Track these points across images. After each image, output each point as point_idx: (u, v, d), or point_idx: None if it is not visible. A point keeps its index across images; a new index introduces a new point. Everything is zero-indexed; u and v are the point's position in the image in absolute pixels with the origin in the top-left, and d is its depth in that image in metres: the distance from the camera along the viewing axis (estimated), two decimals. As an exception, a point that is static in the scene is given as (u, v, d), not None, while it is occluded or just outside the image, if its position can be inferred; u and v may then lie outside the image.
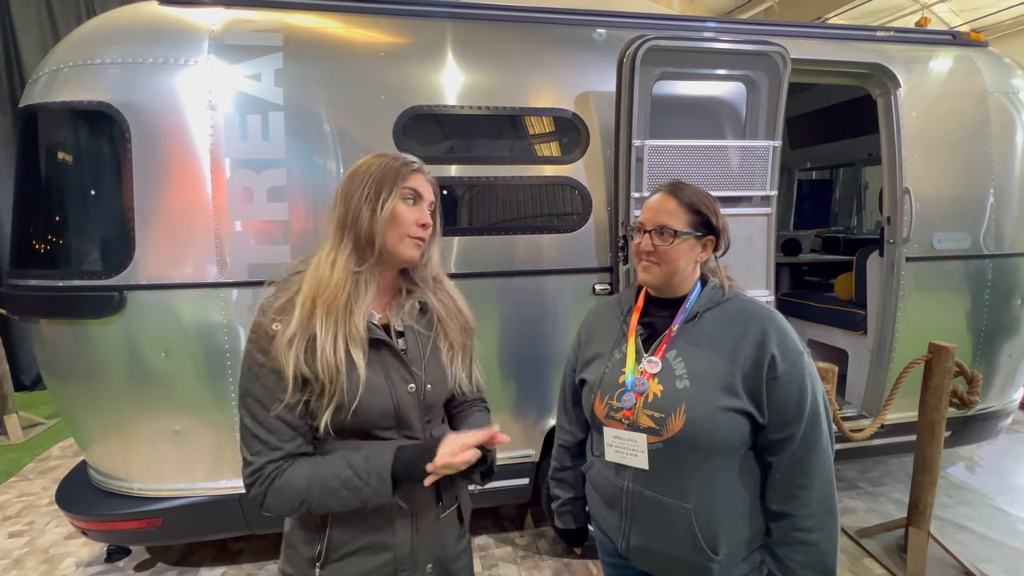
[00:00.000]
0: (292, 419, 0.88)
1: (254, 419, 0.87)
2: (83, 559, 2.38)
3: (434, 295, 1.01)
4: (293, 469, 0.87)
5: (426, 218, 0.94)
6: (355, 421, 0.88)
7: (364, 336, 0.88)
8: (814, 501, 0.95)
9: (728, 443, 0.95)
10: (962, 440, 2.70)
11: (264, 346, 0.87)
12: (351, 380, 0.86)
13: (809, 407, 0.95)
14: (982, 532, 2.49)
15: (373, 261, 0.91)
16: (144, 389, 1.86)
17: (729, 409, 0.94)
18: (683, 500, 0.97)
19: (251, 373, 0.88)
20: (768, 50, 2.01)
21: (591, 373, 1.10)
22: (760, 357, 0.94)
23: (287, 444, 0.88)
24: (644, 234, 1.03)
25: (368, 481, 0.86)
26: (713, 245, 1.05)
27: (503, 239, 2.06)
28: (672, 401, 0.96)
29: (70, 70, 1.82)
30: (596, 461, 1.11)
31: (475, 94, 2.03)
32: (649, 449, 0.98)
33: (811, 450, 0.95)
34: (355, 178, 0.91)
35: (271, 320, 0.87)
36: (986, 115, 2.47)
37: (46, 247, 1.88)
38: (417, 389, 0.94)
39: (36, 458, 3.46)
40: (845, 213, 5.29)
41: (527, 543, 2.47)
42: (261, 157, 1.85)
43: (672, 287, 1.05)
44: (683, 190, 1.04)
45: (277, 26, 1.91)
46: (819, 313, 3.26)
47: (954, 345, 2.07)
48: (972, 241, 2.47)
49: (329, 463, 0.88)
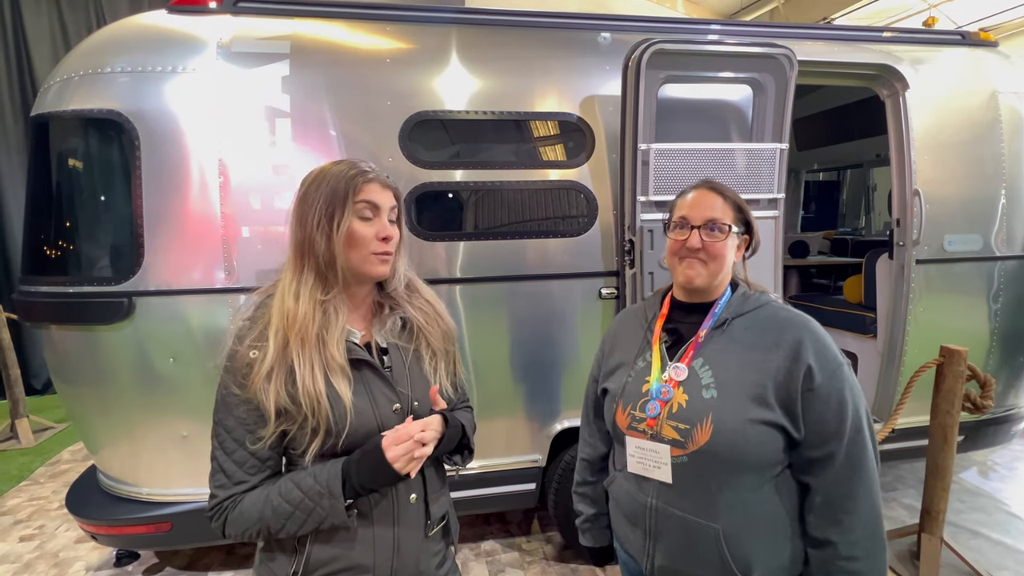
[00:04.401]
0: (263, 452, 0.86)
1: (223, 451, 0.86)
2: (92, 563, 2.40)
3: (410, 305, 0.97)
4: (246, 498, 0.85)
5: (387, 230, 0.88)
6: (337, 446, 0.85)
7: (343, 363, 0.85)
8: (859, 527, 0.88)
9: (759, 458, 0.89)
10: (975, 445, 2.65)
11: (240, 378, 0.84)
12: (337, 410, 0.83)
13: (851, 423, 0.87)
14: (996, 538, 2.45)
15: (339, 286, 0.88)
16: (152, 394, 1.88)
17: (760, 421, 0.87)
18: (711, 519, 0.90)
19: (224, 404, 0.85)
20: (774, 52, 2.00)
21: (613, 382, 1.05)
22: (794, 367, 0.88)
23: (252, 477, 0.86)
24: (691, 230, 0.96)
25: (319, 501, 0.82)
26: (746, 246, 1.01)
27: (509, 243, 2.06)
28: (698, 412, 0.90)
29: (80, 79, 1.85)
30: (618, 476, 1.06)
31: (480, 99, 2.03)
32: (673, 463, 0.92)
33: (856, 471, 0.88)
34: (307, 198, 0.86)
35: (248, 348, 0.84)
36: (997, 115, 2.44)
37: (56, 254, 1.90)
38: (402, 408, 0.91)
39: (47, 462, 3.49)
40: (853, 215, 5.25)
41: (534, 548, 2.46)
42: (268, 163, 1.86)
43: (710, 290, 0.99)
44: (725, 189, 0.99)
45: (284, 34, 1.92)
46: (828, 316, 3.23)
47: (966, 349, 2.04)
48: (983, 243, 2.44)
49: (280, 488, 0.85)
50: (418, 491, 0.94)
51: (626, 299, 2.06)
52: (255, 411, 0.84)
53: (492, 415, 2.12)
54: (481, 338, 2.07)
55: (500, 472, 2.17)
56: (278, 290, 0.88)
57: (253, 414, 0.84)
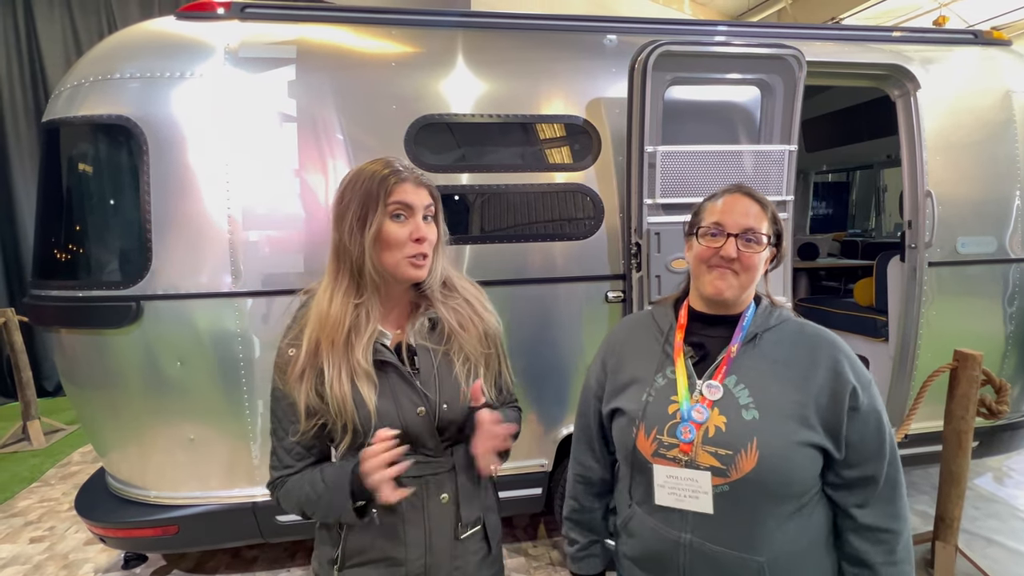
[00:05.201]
0: (305, 441, 0.91)
1: (276, 437, 0.92)
2: (101, 565, 2.41)
3: (444, 305, 0.93)
4: (291, 480, 0.91)
5: (420, 231, 0.86)
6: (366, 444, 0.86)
7: (368, 368, 0.86)
8: (902, 548, 0.86)
9: (803, 483, 0.84)
10: (990, 451, 2.61)
11: (282, 371, 0.89)
12: (362, 413, 0.86)
13: (888, 441, 0.85)
14: (1012, 546, 2.40)
15: (371, 289, 0.88)
16: (160, 398, 1.89)
17: (806, 444, 0.82)
18: (754, 553, 0.83)
19: (274, 395, 0.92)
20: (783, 53, 1.98)
21: (628, 401, 0.94)
22: (839, 387, 0.83)
23: (298, 463, 0.91)
24: (728, 238, 0.88)
25: (332, 497, 0.86)
26: (772, 258, 0.95)
27: (515, 247, 2.05)
28: (740, 435, 0.83)
29: (91, 85, 1.86)
30: (638, 511, 0.93)
31: (486, 102, 2.03)
32: (712, 492, 0.84)
33: (897, 490, 0.86)
34: (342, 200, 0.87)
35: (287, 345, 0.90)
36: (1011, 115, 2.40)
37: (66, 258, 1.92)
38: (428, 411, 0.90)
39: (57, 463, 3.52)
40: (863, 216, 5.19)
41: (540, 553, 2.44)
42: (275, 168, 1.87)
43: (738, 302, 0.92)
44: (760, 194, 0.93)
45: (290, 39, 1.93)
46: (838, 319, 3.19)
47: (981, 353, 2.01)
48: (998, 245, 2.40)
49: (312, 477, 0.90)
50: (450, 491, 0.92)
51: (633, 303, 2.04)
52: (292, 406, 0.88)
53: (498, 419, 2.10)
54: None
55: (506, 477, 2.15)
56: (318, 291, 0.90)
57: (291, 409, 0.89)
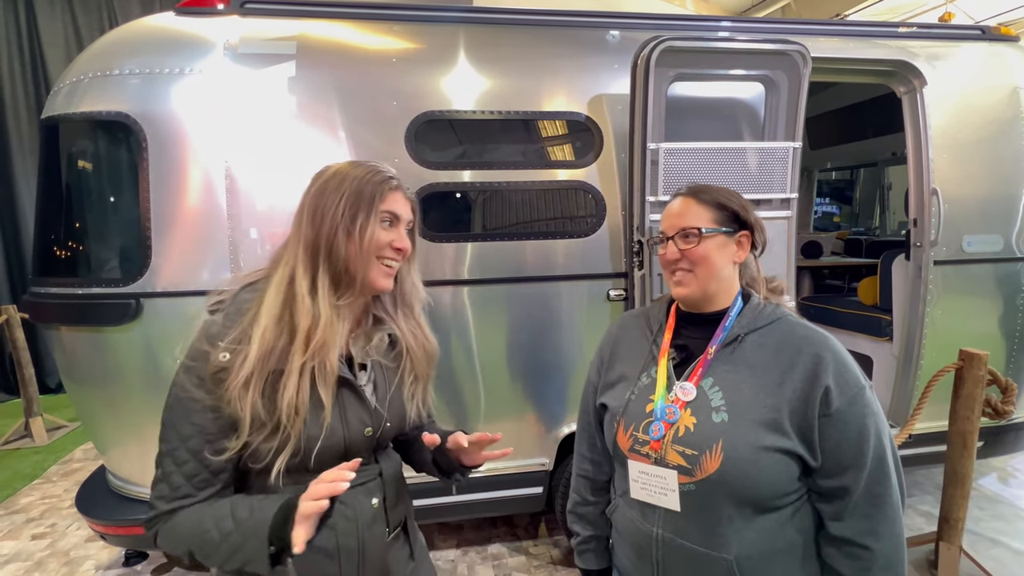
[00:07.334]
0: (217, 464, 0.76)
1: (173, 461, 0.76)
2: (103, 562, 2.41)
3: (404, 323, 0.90)
4: (181, 513, 0.76)
5: (402, 241, 0.83)
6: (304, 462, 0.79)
7: (336, 375, 0.79)
8: (877, 567, 0.82)
9: (773, 488, 0.83)
10: (995, 451, 2.59)
11: (206, 380, 0.75)
12: (313, 423, 0.77)
13: (872, 452, 0.81)
14: (1016, 547, 2.39)
15: (349, 293, 0.82)
16: (160, 395, 1.82)
17: (774, 449, 0.81)
18: (723, 551, 0.84)
19: (181, 407, 0.76)
20: (788, 49, 1.96)
21: (614, 398, 0.98)
22: (811, 389, 0.81)
23: (200, 492, 0.76)
24: (667, 242, 0.92)
25: (242, 541, 0.73)
26: (750, 242, 0.95)
27: (516, 244, 2.04)
28: (707, 437, 0.84)
29: (90, 81, 1.85)
30: (620, 502, 0.98)
31: (487, 98, 2.01)
32: (680, 490, 0.85)
33: (878, 505, 0.81)
34: (326, 195, 0.80)
35: (221, 351, 0.75)
36: (1018, 111, 2.38)
37: (65, 255, 1.91)
38: (374, 431, 0.85)
39: (59, 460, 3.53)
40: (867, 214, 5.16)
41: (541, 552, 2.44)
42: (275, 164, 1.86)
43: (710, 299, 0.93)
44: (703, 190, 0.95)
45: (291, 34, 1.92)
46: (842, 318, 3.16)
47: (986, 352, 1.99)
48: (1004, 243, 2.37)
49: (214, 512, 0.75)
50: (379, 496, 0.88)
51: (635, 301, 2.03)
52: (219, 420, 0.75)
53: (499, 418, 2.09)
54: (488, 340, 2.04)
55: (507, 476, 2.14)
56: (271, 285, 0.79)
57: (217, 423, 0.75)
